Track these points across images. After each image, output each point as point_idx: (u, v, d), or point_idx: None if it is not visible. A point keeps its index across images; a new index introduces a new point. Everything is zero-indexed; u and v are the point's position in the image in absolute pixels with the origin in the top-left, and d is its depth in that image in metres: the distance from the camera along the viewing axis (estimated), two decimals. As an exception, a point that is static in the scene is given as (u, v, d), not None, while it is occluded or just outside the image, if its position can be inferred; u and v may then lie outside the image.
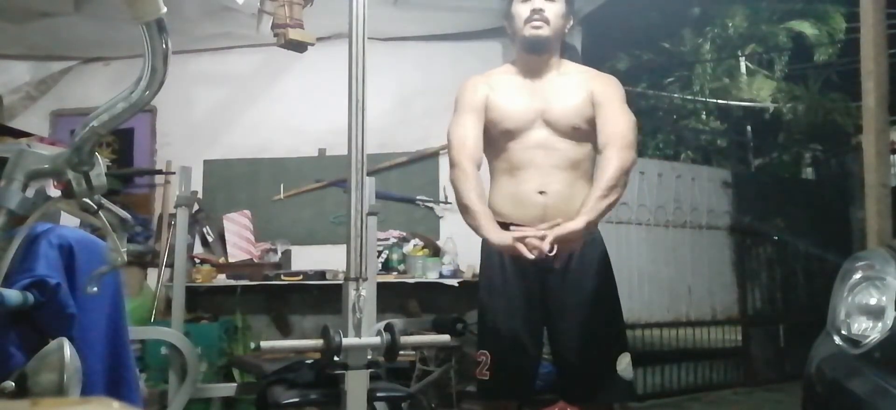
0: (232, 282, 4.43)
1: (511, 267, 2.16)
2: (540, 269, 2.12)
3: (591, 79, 2.24)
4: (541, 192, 2.13)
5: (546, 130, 2.16)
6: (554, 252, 1.99)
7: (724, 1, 10.45)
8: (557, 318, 2.17)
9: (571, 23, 2.27)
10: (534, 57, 2.22)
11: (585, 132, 2.17)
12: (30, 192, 1.09)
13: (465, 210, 2.08)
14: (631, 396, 2.39)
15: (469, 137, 2.15)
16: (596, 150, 2.16)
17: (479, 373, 2.17)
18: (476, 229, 2.06)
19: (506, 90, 2.22)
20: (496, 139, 2.21)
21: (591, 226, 2.04)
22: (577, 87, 2.20)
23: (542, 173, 2.14)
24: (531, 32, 2.17)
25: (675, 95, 10.63)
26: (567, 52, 2.31)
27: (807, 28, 10.29)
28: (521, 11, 2.19)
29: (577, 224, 1.98)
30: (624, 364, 2.14)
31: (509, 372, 2.14)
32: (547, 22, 2.16)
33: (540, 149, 2.15)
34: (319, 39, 3.53)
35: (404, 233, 4.55)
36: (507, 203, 2.18)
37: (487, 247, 2.20)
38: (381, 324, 1.87)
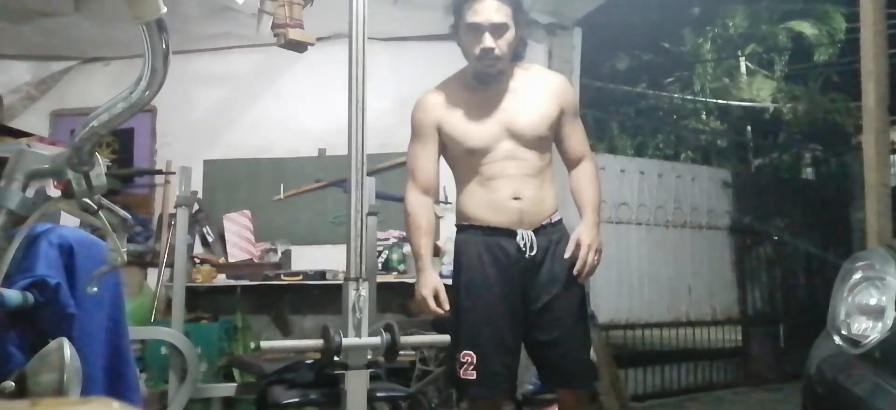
0: (232, 282, 4.42)
1: (491, 267, 2.21)
2: (521, 269, 2.20)
3: (550, 84, 2.30)
4: (515, 198, 2.20)
5: (512, 142, 2.21)
6: (534, 252, 2.17)
7: (724, 1, 10.44)
8: (539, 312, 2.21)
9: (522, 34, 2.26)
10: (488, 86, 2.24)
11: (548, 139, 2.27)
12: (30, 192, 1.09)
13: (413, 252, 2.28)
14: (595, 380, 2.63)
15: (419, 167, 2.28)
16: (563, 153, 2.35)
17: (464, 374, 2.17)
18: (418, 267, 2.23)
19: (463, 108, 2.25)
20: (462, 156, 2.26)
21: (598, 232, 2.24)
22: (538, 96, 2.26)
23: (514, 181, 2.20)
24: (483, 69, 2.20)
25: (675, 95, 10.62)
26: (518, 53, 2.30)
27: (807, 28, 10.28)
28: (471, 47, 2.19)
29: (594, 238, 2.20)
30: (590, 351, 2.37)
31: (496, 369, 2.18)
32: (499, 59, 2.18)
33: (509, 160, 2.21)
34: (319, 39, 3.53)
35: (404, 233, 4.55)
36: (483, 208, 2.23)
37: (464, 248, 2.27)
38: (381, 324, 1.88)
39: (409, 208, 2.27)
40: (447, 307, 2.20)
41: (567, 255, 2.19)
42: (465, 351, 2.19)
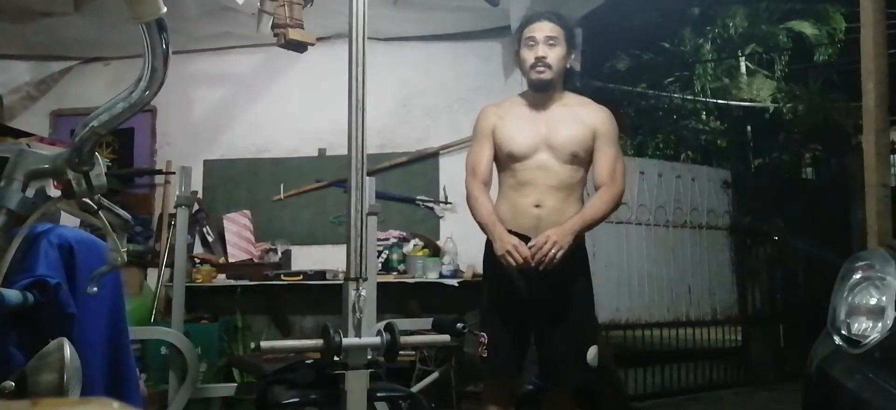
0: (232, 282, 4.42)
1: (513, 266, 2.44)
2: (531, 270, 2.44)
3: (591, 112, 2.58)
4: (537, 206, 2.48)
5: (547, 155, 2.50)
6: (542, 265, 2.40)
7: (725, 1, 10.45)
8: (539, 312, 2.50)
9: (573, 57, 2.59)
10: (539, 94, 2.56)
11: (582, 158, 2.54)
12: (30, 192, 1.09)
13: (481, 226, 2.54)
14: (594, 382, 2.83)
15: (479, 163, 2.58)
16: (594, 175, 2.57)
17: (480, 351, 2.54)
18: (492, 238, 2.48)
19: (514, 119, 2.58)
20: (504, 159, 2.58)
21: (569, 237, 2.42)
22: (577, 119, 2.54)
23: (539, 190, 2.49)
24: (536, 77, 2.53)
25: (675, 95, 10.63)
26: (569, 80, 2.62)
27: (807, 28, 10.28)
28: (527, 57, 2.53)
29: (560, 236, 2.40)
30: (592, 355, 2.51)
31: (503, 353, 2.51)
32: (549, 67, 2.51)
33: (540, 171, 2.49)
34: (319, 39, 3.53)
35: (404, 233, 4.55)
36: (509, 212, 2.53)
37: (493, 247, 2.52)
38: (381, 324, 1.88)
39: (473, 192, 2.57)
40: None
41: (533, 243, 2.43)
42: (481, 332, 2.55)
